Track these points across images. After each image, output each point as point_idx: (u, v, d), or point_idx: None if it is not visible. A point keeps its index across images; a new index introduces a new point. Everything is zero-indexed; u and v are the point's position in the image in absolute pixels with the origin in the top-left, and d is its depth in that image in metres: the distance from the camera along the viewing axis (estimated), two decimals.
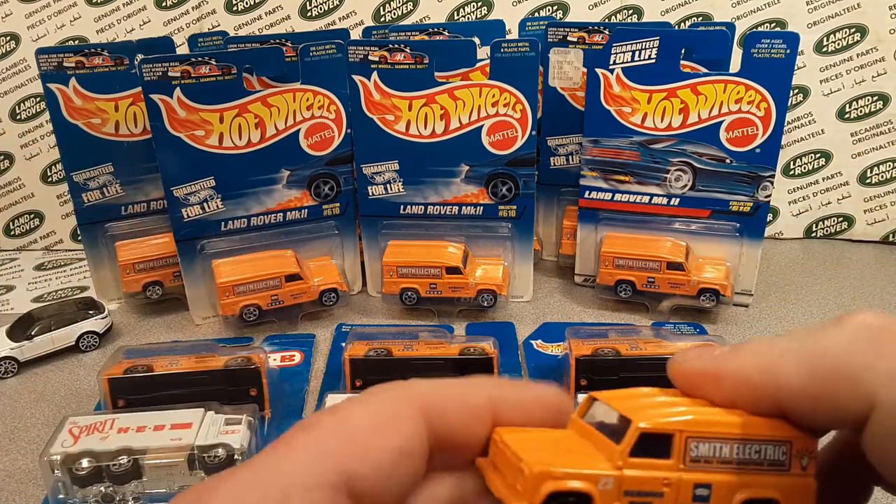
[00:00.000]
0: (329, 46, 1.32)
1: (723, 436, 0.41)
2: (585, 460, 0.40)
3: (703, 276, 1.35)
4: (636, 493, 0.40)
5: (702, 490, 0.40)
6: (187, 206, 1.31)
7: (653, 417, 0.41)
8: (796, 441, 0.42)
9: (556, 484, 0.38)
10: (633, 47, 1.32)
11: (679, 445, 0.40)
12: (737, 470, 0.41)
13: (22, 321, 1.29)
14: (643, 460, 0.40)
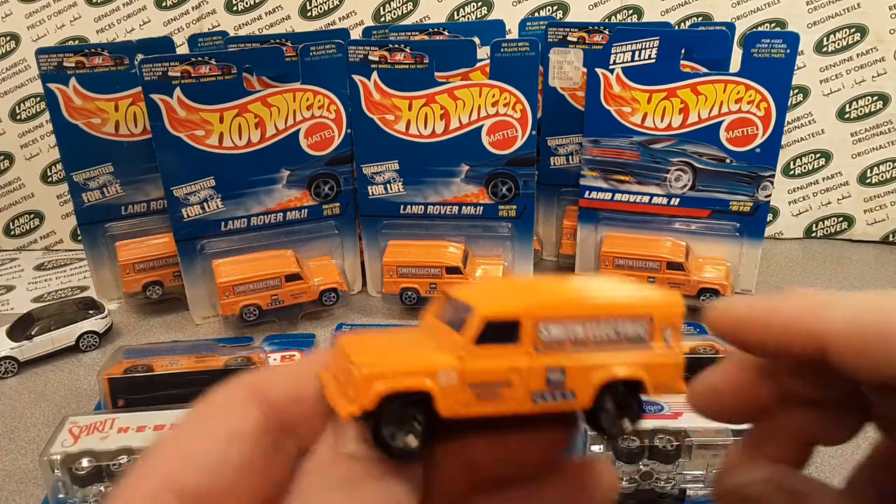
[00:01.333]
0: (329, 46, 1.32)
1: (575, 316, 0.38)
2: (425, 356, 0.38)
3: (703, 276, 1.35)
4: (482, 385, 0.37)
5: (555, 374, 0.38)
6: (187, 206, 1.31)
7: (497, 303, 0.38)
8: (657, 315, 0.40)
9: (389, 383, 0.35)
10: (633, 47, 1.32)
11: (528, 330, 0.38)
12: (593, 350, 0.39)
13: (22, 321, 1.29)
14: (489, 349, 0.37)
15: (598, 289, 0.43)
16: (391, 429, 0.36)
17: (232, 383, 0.40)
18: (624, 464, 0.86)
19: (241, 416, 0.38)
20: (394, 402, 0.35)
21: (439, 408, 0.37)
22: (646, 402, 0.40)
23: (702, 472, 0.86)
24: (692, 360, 1.04)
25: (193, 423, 0.38)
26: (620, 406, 0.40)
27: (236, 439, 0.37)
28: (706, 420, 0.49)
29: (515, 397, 0.38)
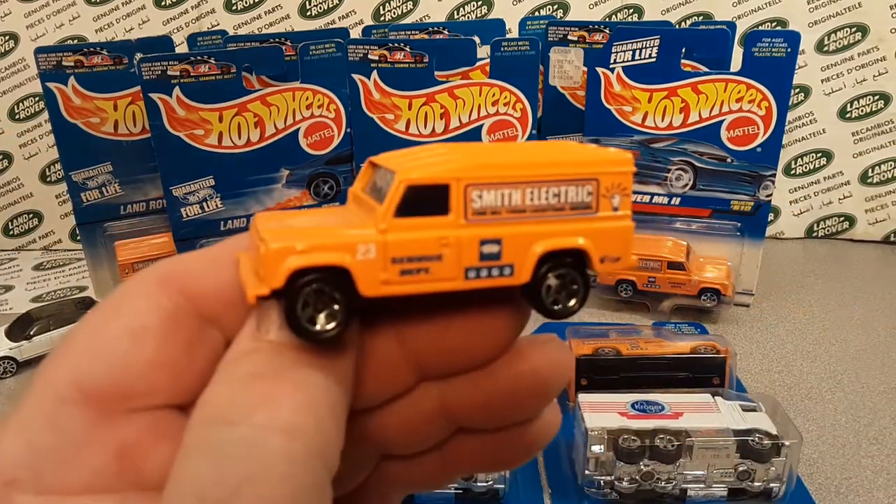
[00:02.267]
0: (329, 45, 1.31)
1: (511, 179, 0.35)
2: (341, 229, 0.34)
3: (704, 276, 1.34)
4: (407, 259, 0.34)
5: (490, 246, 0.35)
6: (186, 206, 1.31)
7: (420, 167, 0.35)
8: (604, 177, 0.36)
9: (300, 259, 0.32)
10: (634, 46, 1.32)
11: (457, 197, 0.34)
12: (531, 218, 0.35)
13: (21, 321, 1.28)
14: (413, 220, 0.34)
15: (536, 150, 0.39)
16: (308, 311, 0.33)
17: (142, 273, 0.37)
18: (624, 464, 0.85)
19: (147, 308, 0.35)
20: (308, 280, 0.33)
21: (359, 286, 0.34)
22: (649, 402, 0.39)
23: (703, 473, 0.86)
24: (694, 360, 1.04)
25: (99, 319, 0.36)
26: (564, 281, 0.37)
27: (143, 334, 0.35)
28: (708, 421, 0.49)
29: (445, 273, 0.35)
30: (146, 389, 0.35)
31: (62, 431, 0.33)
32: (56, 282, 1.58)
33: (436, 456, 0.42)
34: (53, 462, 0.33)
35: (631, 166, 0.37)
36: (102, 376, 0.34)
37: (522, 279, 0.36)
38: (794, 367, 1.19)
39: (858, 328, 1.32)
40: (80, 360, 0.35)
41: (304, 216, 0.38)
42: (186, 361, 0.36)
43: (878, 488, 0.92)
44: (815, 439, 0.99)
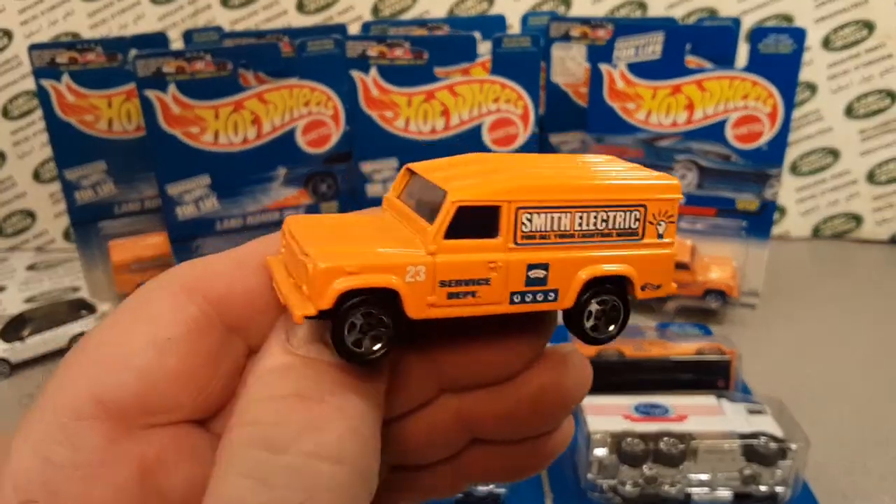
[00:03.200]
0: (326, 42, 1.30)
1: (561, 203, 0.34)
2: (390, 249, 0.33)
3: (709, 277, 1.32)
4: (455, 283, 0.33)
5: (537, 271, 0.35)
6: (182, 205, 1.29)
7: (472, 187, 0.34)
8: (651, 203, 0.36)
9: (350, 281, 0.31)
10: (638, 42, 1.30)
11: (507, 219, 0.34)
12: (579, 244, 0.35)
13: (14, 322, 1.27)
14: (462, 242, 0.33)
15: (583, 169, 0.38)
16: (354, 333, 0.33)
17: (165, 277, 0.36)
18: (628, 467, 0.84)
19: (173, 317, 0.34)
20: (356, 302, 0.32)
21: (406, 308, 0.33)
22: (653, 405, 0.38)
23: (708, 476, 0.84)
24: (698, 362, 1.03)
25: (120, 326, 0.35)
26: (606, 308, 0.37)
27: (168, 346, 0.34)
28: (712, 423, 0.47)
29: (491, 297, 0.34)
30: (170, 404, 0.34)
31: (81, 447, 0.32)
32: (50, 282, 1.56)
33: (448, 466, 0.42)
34: (72, 480, 0.32)
35: (679, 194, 0.37)
36: (125, 390, 0.33)
37: (566, 305, 0.36)
38: (800, 369, 1.18)
39: (865, 330, 1.30)
40: (99, 371, 0.33)
41: (344, 226, 0.37)
42: (210, 373, 0.35)
43: (885, 492, 0.91)
44: (822, 443, 0.97)
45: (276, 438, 0.31)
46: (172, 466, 0.34)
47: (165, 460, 0.34)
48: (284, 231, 0.36)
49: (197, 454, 0.35)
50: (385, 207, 0.39)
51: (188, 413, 0.35)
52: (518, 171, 0.37)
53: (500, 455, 0.42)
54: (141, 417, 0.34)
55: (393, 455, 0.40)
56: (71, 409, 0.33)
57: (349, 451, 0.32)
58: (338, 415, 0.32)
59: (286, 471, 0.31)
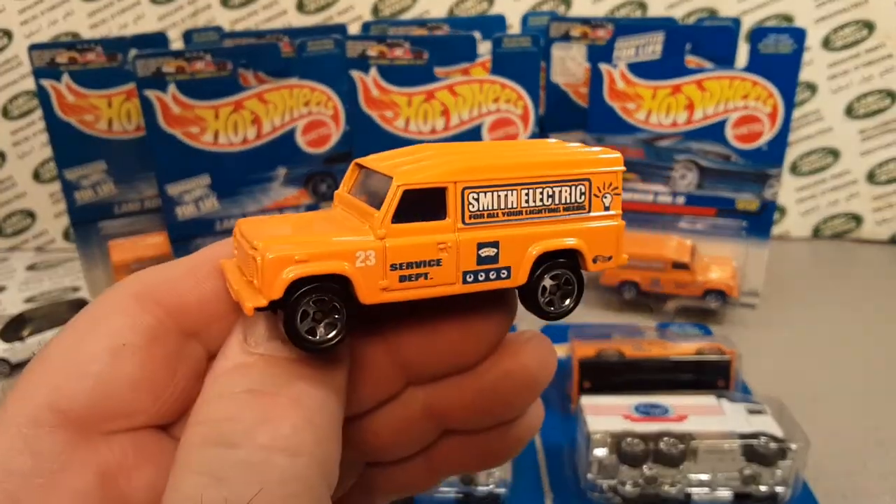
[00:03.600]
0: (326, 42, 1.30)
1: (507, 181, 0.35)
2: (338, 235, 0.34)
3: (709, 277, 1.32)
4: (406, 265, 0.34)
5: (488, 250, 0.35)
6: (182, 205, 1.29)
7: (417, 171, 0.35)
8: (595, 176, 0.37)
9: (299, 269, 0.32)
10: (638, 42, 1.30)
11: (454, 200, 0.34)
12: (527, 220, 0.36)
13: (14, 322, 1.27)
14: (411, 225, 0.34)
15: (525, 150, 0.39)
16: (307, 321, 0.33)
17: (118, 287, 0.36)
18: (628, 467, 0.84)
19: (126, 324, 0.34)
20: (306, 290, 0.32)
21: (359, 294, 0.33)
22: (653, 405, 0.39)
23: (708, 476, 0.84)
24: (698, 362, 1.03)
25: (75, 336, 0.35)
26: (559, 282, 0.38)
27: (122, 352, 0.34)
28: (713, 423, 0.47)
29: (444, 278, 0.35)
30: (127, 410, 0.34)
31: (40, 455, 0.32)
32: (49, 282, 1.56)
33: (421, 460, 0.42)
34: (32, 487, 0.32)
35: (621, 165, 0.38)
36: (81, 397, 0.33)
37: (519, 281, 0.36)
38: (800, 369, 1.18)
39: (866, 330, 1.30)
40: (56, 379, 0.33)
41: (292, 222, 0.37)
42: (168, 379, 0.35)
43: (885, 492, 0.91)
44: (822, 443, 0.97)
45: (229, 434, 0.31)
46: (134, 471, 0.34)
47: (126, 466, 0.34)
48: (235, 233, 0.36)
49: (158, 459, 0.35)
50: (336, 203, 0.40)
51: (148, 418, 0.35)
52: (462, 154, 0.37)
53: (470, 445, 0.42)
54: (99, 424, 0.34)
55: (365, 452, 0.40)
56: (30, 417, 0.33)
57: (304, 443, 0.32)
58: (292, 406, 0.32)
59: (240, 465, 0.31)
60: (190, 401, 0.36)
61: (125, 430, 0.34)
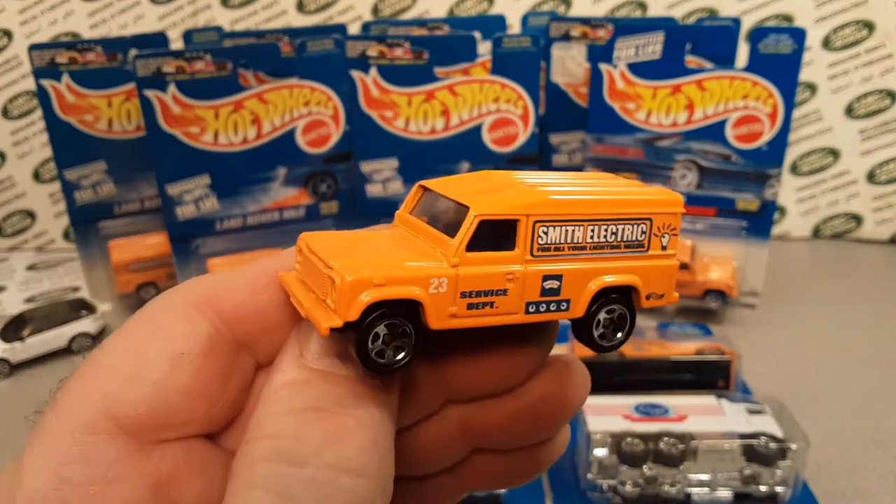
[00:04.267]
0: (326, 42, 1.30)
1: (576, 217, 0.36)
2: (413, 261, 0.34)
3: (709, 277, 1.32)
4: (475, 294, 0.34)
5: (551, 282, 0.36)
6: (182, 205, 1.29)
7: (493, 202, 0.35)
8: (657, 217, 0.38)
9: (377, 292, 0.32)
10: (638, 42, 1.30)
11: (525, 232, 0.35)
12: (590, 256, 0.37)
13: (14, 322, 1.27)
14: (483, 254, 0.34)
15: (592, 185, 0.40)
16: (378, 344, 0.33)
17: (177, 292, 0.36)
18: (628, 467, 0.84)
19: (186, 332, 0.34)
20: (381, 313, 0.33)
21: (428, 319, 0.34)
22: (653, 405, 0.39)
23: (708, 476, 0.84)
24: (698, 362, 1.02)
25: (133, 341, 0.35)
26: (613, 317, 0.38)
27: (181, 360, 0.34)
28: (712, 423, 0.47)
29: (508, 308, 0.35)
30: (183, 419, 0.34)
31: (94, 463, 0.32)
32: (49, 282, 1.56)
33: (449, 475, 0.42)
34: (87, 497, 0.32)
35: (682, 208, 0.38)
36: (138, 404, 0.33)
37: (577, 314, 0.37)
38: (800, 370, 1.18)
39: (866, 330, 1.30)
40: (112, 385, 0.33)
41: (362, 241, 0.38)
42: (221, 388, 0.35)
43: (885, 492, 0.91)
44: (822, 443, 0.97)
45: (297, 452, 0.32)
46: (185, 482, 0.34)
47: (178, 475, 0.34)
48: (300, 247, 0.36)
49: (208, 469, 0.35)
50: (397, 223, 0.40)
51: (199, 428, 0.35)
52: (532, 186, 0.38)
53: (500, 463, 0.42)
54: (154, 432, 0.34)
55: (397, 466, 0.40)
56: (84, 423, 0.32)
57: (370, 464, 0.32)
58: (357, 427, 0.33)
59: (308, 484, 0.31)
60: (238, 411, 0.36)
61: (177, 439, 0.34)
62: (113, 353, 0.34)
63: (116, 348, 0.35)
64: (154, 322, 0.35)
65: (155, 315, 0.36)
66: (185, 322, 0.35)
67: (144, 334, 0.35)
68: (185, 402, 0.34)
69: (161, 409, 0.33)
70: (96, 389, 0.33)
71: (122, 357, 0.34)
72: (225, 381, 0.35)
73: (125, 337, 0.35)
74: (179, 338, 0.34)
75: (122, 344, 0.35)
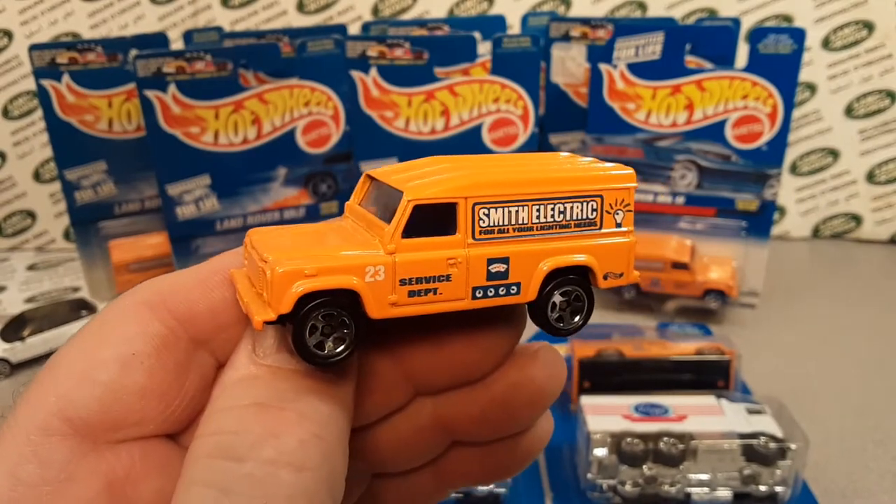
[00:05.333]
0: (326, 42, 1.30)
1: (517, 197, 0.35)
2: (348, 250, 0.34)
3: (709, 277, 1.32)
4: (416, 281, 0.34)
5: (498, 265, 0.35)
6: (182, 205, 1.29)
7: (427, 185, 0.34)
8: (608, 193, 0.37)
9: (309, 283, 0.32)
10: (638, 42, 1.30)
11: (464, 215, 0.34)
12: (538, 237, 0.36)
13: (14, 322, 1.26)
14: (421, 240, 0.34)
15: (537, 164, 0.39)
16: (316, 335, 0.33)
17: (128, 295, 0.36)
18: (627, 467, 0.84)
19: (137, 332, 0.34)
20: (316, 304, 0.32)
21: (367, 308, 0.33)
22: (653, 405, 0.39)
23: (707, 476, 0.84)
24: (698, 362, 1.03)
25: (86, 344, 0.35)
26: (569, 298, 0.38)
27: (133, 360, 0.34)
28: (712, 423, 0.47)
29: (453, 293, 0.35)
30: (136, 419, 0.34)
31: (48, 464, 0.32)
32: (50, 282, 1.56)
33: (429, 472, 0.42)
34: (40, 497, 0.32)
35: (633, 181, 0.37)
36: (90, 405, 0.33)
37: (529, 297, 0.36)
38: (800, 369, 1.18)
39: (865, 330, 1.30)
40: (65, 387, 0.33)
41: (303, 233, 0.37)
42: (177, 387, 0.35)
43: (884, 492, 0.91)
44: (821, 442, 0.97)
45: (236, 447, 0.31)
46: (141, 481, 0.34)
47: (134, 475, 0.34)
48: (246, 243, 0.36)
49: (166, 468, 0.35)
50: (346, 214, 0.40)
51: (156, 427, 0.35)
52: (474, 168, 0.37)
53: (479, 457, 0.42)
54: (108, 432, 0.34)
55: (372, 463, 0.40)
56: (39, 425, 0.33)
57: (311, 458, 0.32)
58: (299, 421, 0.32)
59: (247, 479, 0.31)
60: (198, 410, 0.36)
61: (133, 438, 0.34)
62: (67, 357, 0.35)
63: (71, 352, 0.35)
64: (107, 324, 0.35)
65: (108, 318, 0.36)
66: (137, 323, 0.35)
67: (97, 337, 0.35)
68: (139, 402, 0.34)
69: (114, 409, 0.33)
70: (51, 392, 0.33)
71: (76, 360, 0.34)
72: (180, 381, 0.35)
73: (79, 341, 0.35)
74: (131, 338, 0.34)
75: (75, 348, 0.35)
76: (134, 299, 0.36)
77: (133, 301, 0.36)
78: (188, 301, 0.36)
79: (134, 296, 0.36)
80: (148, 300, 0.35)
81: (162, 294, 0.36)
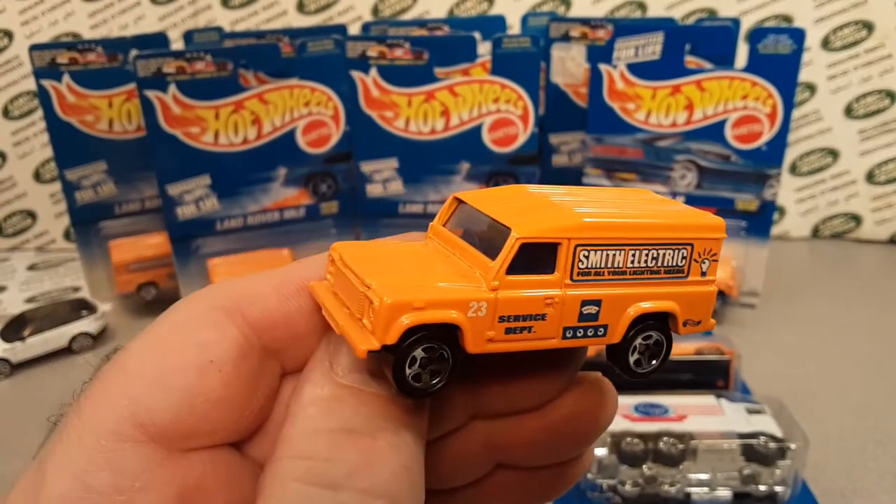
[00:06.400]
0: (326, 42, 1.30)
1: (617, 241, 0.35)
2: (451, 283, 0.33)
3: None
4: (513, 318, 0.33)
5: (590, 307, 0.35)
6: (182, 205, 1.29)
7: (535, 224, 0.34)
8: (698, 242, 0.37)
9: (416, 316, 0.31)
10: (637, 43, 1.30)
11: (566, 256, 0.34)
12: (630, 281, 0.36)
13: (14, 322, 1.27)
14: (522, 278, 0.33)
15: (632, 205, 0.38)
16: (415, 367, 0.33)
17: (203, 296, 0.35)
18: (627, 467, 0.84)
19: (215, 339, 0.34)
20: (419, 337, 0.32)
21: (466, 343, 0.33)
22: (653, 404, 0.39)
23: (707, 476, 0.84)
24: (698, 362, 1.03)
25: (160, 346, 0.34)
26: (650, 343, 0.38)
27: (210, 368, 0.33)
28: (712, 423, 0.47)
29: (546, 332, 0.35)
30: (209, 428, 0.33)
31: (122, 471, 0.31)
32: (50, 282, 1.56)
33: (471, 490, 0.41)
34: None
35: (723, 233, 0.37)
36: (166, 412, 0.32)
37: (615, 339, 0.36)
38: (799, 369, 1.18)
39: (865, 330, 1.30)
40: (138, 391, 0.32)
41: (397, 256, 0.37)
42: (249, 396, 0.34)
43: (884, 492, 0.91)
44: (821, 442, 0.97)
45: (330, 474, 0.31)
46: (211, 491, 0.34)
47: (204, 485, 0.33)
48: (333, 258, 0.36)
49: (234, 478, 0.34)
50: (430, 235, 0.39)
51: (225, 436, 0.34)
52: (572, 207, 0.37)
53: (524, 480, 0.42)
54: (180, 441, 0.33)
55: None
56: (111, 430, 0.32)
57: (401, 490, 0.32)
58: (390, 451, 0.32)
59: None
60: (264, 419, 0.35)
61: (203, 447, 0.34)
62: (139, 358, 0.34)
63: (143, 353, 0.34)
64: (180, 328, 0.35)
65: (183, 320, 0.35)
66: (214, 328, 0.34)
67: (172, 339, 0.34)
68: (213, 411, 0.33)
69: (188, 417, 0.33)
70: (122, 395, 0.33)
71: (149, 362, 0.33)
72: (252, 390, 0.35)
73: (152, 341, 0.34)
74: (208, 345, 0.34)
75: (148, 348, 0.34)
76: (209, 303, 0.35)
77: (208, 305, 0.35)
78: (265, 310, 0.35)
79: (207, 299, 0.35)
80: (224, 306, 0.35)
81: (238, 300, 0.35)
